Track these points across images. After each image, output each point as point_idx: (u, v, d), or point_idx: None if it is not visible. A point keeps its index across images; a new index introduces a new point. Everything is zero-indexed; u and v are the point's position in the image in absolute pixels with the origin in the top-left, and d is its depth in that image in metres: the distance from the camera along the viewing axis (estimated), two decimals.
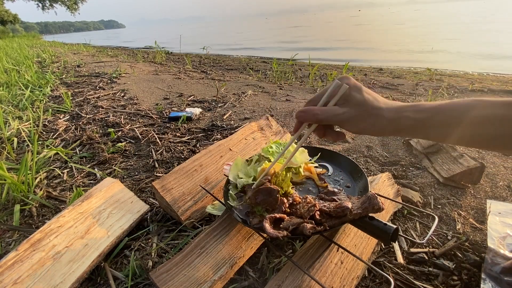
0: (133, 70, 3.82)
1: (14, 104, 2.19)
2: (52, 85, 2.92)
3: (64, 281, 0.63)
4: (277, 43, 11.01)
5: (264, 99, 2.21)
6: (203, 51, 5.31)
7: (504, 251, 0.65)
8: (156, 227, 0.85)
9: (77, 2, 33.84)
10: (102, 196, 0.83)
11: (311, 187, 0.73)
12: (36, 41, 14.77)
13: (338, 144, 1.34)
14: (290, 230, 0.55)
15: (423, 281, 0.65)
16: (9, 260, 0.62)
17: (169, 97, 2.41)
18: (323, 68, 4.35)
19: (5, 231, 0.87)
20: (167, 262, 0.61)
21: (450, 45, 6.77)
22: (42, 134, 1.64)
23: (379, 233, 0.53)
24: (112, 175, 1.17)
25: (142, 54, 6.83)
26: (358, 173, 0.74)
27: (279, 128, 1.17)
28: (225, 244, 0.65)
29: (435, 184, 0.99)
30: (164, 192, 0.81)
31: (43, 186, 1.10)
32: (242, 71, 4.28)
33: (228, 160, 0.96)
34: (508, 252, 0.65)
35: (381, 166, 1.13)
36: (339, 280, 0.57)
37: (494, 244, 0.67)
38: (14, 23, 37.01)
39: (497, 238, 0.69)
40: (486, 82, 3.00)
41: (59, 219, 0.72)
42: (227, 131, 1.57)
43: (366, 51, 7.14)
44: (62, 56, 5.86)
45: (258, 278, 0.67)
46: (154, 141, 1.46)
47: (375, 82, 3.13)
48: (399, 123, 0.44)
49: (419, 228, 0.81)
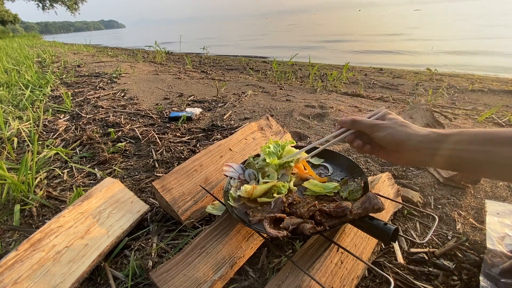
0: (133, 70, 3.82)
1: (14, 104, 2.19)
2: (52, 85, 2.92)
3: (64, 281, 0.63)
4: (277, 43, 11.01)
5: (264, 99, 2.21)
6: (203, 51, 5.30)
7: (502, 249, 0.65)
8: (156, 227, 0.85)
9: (77, 2, 33.81)
10: (102, 196, 0.83)
11: None
12: (36, 41, 14.77)
13: (338, 144, 1.34)
14: (290, 230, 0.55)
15: (423, 281, 0.65)
16: (9, 260, 0.62)
17: (169, 97, 2.41)
18: (323, 68, 4.35)
19: (5, 231, 0.87)
20: (167, 262, 0.61)
21: (450, 45, 6.77)
22: (42, 134, 1.64)
23: (379, 233, 0.53)
24: (112, 175, 1.17)
25: (142, 54, 6.83)
26: (358, 173, 0.74)
27: (279, 128, 1.17)
28: (225, 244, 0.65)
29: (435, 184, 0.99)
30: (164, 192, 0.81)
31: (43, 186, 1.10)
32: (242, 71, 4.28)
33: (228, 160, 0.96)
34: (507, 252, 0.65)
35: (381, 166, 1.13)
36: (339, 280, 0.57)
37: (493, 245, 0.67)
38: (14, 23, 37.01)
39: (496, 238, 0.69)
40: (486, 82, 3.00)
41: (59, 219, 0.72)
42: (227, 131, 1.57)
43: (366, 51, 7.14)
44: (62, 56, 5.86)
45: (258, 278, 0.67)
46: (154, 141, 1.46)
47: (375, 82, 3.13)
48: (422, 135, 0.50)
49: (419, 228, 0.81)
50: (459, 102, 2.24)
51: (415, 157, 0.50)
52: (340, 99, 2.20)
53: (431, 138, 0.48)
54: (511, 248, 0.66)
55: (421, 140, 0.49)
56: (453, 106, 2.12)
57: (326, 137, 0.65)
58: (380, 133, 0.53)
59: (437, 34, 9.80)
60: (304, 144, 1.36)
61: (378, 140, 0.54)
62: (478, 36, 8.15)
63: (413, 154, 0.50)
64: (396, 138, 0.51)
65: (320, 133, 1.47)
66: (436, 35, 9.42)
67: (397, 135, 0.51)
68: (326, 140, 0.65)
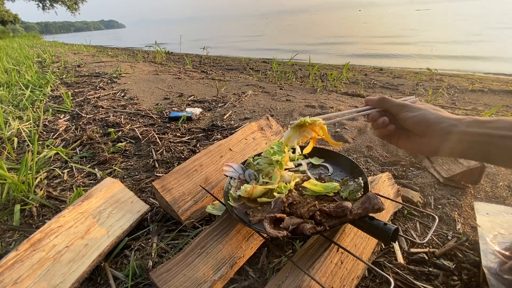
0: (133, 70, 3.82)
1: (14, 104, 2.19)
2: (52, 85, 2.92)
3: (64, 281, 0.63)
4: (277, 43, 11.01)
5: (264, 99, 2.21)
6: (203, 51, 5.30)
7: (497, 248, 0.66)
8: (156, 227, 0.85)
9: (77, 2, 33.80)
10: (102, 196, 0.83)
11: None
12: (36, 41, 14.77)
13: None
14: (290, 230, 0.55)
15: (423, 281, 0.65)
16: (9, 260, 0.62)
17: (169, 97, 2.41)
18: (323, 68, 4.35)
19: (5, 231, 0.87)
20: (167, 262, 0.61)
21: (450, 45, 6.77)
22: (42, 134, 1.64)
23: (379, 233, 0.53)
24: (112, 175, 1.18)
25: (142, 54, 6.83)
26: (358, 173, 0.74)
27: (279, 128, 1.17)
28: (225, 244, 0.65)
29: (435, 184, 0.99)
30: (164, 192, 0.81)
31: (43, 186, 1.10)
32: (242, 71, 4.28)
33: (228, 160, 0.96)
34: (501, 250, 0.65)
35: (381, 166, 1.13)
36: (339, 280, 0.57)
37: (486, 244, 0.68)
38: (14, 23, 37.00)
39: (489, 237, 0.69)
40: (486, 82, 3.00)
41: (59, 219, 0.72)
42: (227, 131, 1.57)
43: (366, 51, 7.14)
44: (62, 56, 5.86)
45: (258, 278, 0.67)
46: (154, 141, 1.46)
47: (376, 82, 3.13)
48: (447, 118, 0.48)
49: (419, 228, 0.81)
50: (459, 102, 2.24)
51: (442, 143, 0.47)
52: (340, 99, 2.20)
53: (465, 122, 0.45)
54: (504, 246, 0.66)
55: (454, 124, 0.46)
56: (453, 106, 2.12)
57: (348, 110, 0.62)
58: (410, 113, 0.50)
59: (437, 34, 9.80)
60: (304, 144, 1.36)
61: (406, 121, 0.51)
62: (478, 36, 8.14)
63: (441, 138, 0.47)
64: (427, 118, 0.48)
65: None
66: (436, 35, 9.42)
67: (428, 116, 0.48)
68: (348, 112, 0.62)
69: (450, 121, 0.46)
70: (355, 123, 1.55)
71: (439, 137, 0.47)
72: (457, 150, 0.46)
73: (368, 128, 1.46)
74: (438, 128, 0.47)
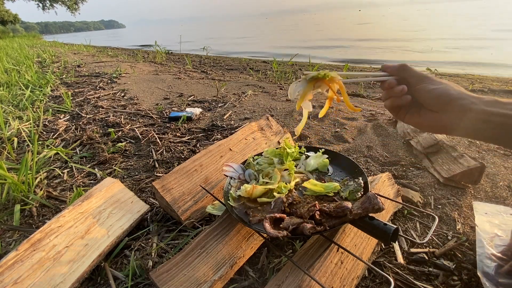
0: (133, 70, 3.82)
1: (14, 104, 2.19)
2: (52, 85, 2.92)
3: (64, 281, 0.63)
4: (277, 43, 11.01)
5: (264, 99, 2.21)
6: (203, 51, 5.30)
7: (493, 251, 0.65)
8: (156, 227, 0.85)
9: (77, 2, 33.80)
10: (102, 196, 0.83)
11: None
12: (36, 41, 14.77)
13: (338, 144, 1.34)
14: (290, 230, 0.55)
15: (423, 281, 0.65)
16: (9, 260, 0.62)
17: (169, 97, 2.41)
18: (323, 68, 4.34)
19: (5, 231, 0.87)
20: (167, 262, 0.61)
21: (450, 45, 6.77)
22: (42, 134, 1.64)
23: (379, 233, 0.53)
24: (112, 175, 1.18)
25: (142, 54, 6.83)
26: (358, 173, 0.74)
27: (279, 128, 1.17)
28: (225, 244, 0.65)
29: (435, 184, 0.99)
30: (164, 192, 0.81)
31: (43, 186, 1.10)
32: (242, 71, 4.28)
33: (228, 160, 0.96)
34: (497, 253, 0.65)
35: (381, 166, 1.13)
36: (339, 280, 0.57)
37: (482, 247, 0.67)
38: (14, 23, 36.99)
39: (486, 239, 0.69)
40: (486, 82, 3.00)
41: (59, 219, 0.72)
42: (227, 131, 1.57)
43: (366, 51, 7.14)
44: (62, 56, 5.86)
45: (258, 278, 0.67)
46: (154, 141, 1.46)
47: (376, 82, 3.13)
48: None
49: (419, 228, 0.81)
50: None
51: (460, 120, 0.45)
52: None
53: (484, 101, 0.44)
54: (501, 249, 0.66)
55: (474, 102, 0.44)
56: None
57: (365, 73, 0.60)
58: (431, 85, 0.48)
59: (437, 34, 9.80)
60: (304, 144, 1.36)
61: (425, 93, 0.49)
62: (479, 37, 8.14)
63: (459, 115, 0.45)
64: (449, 93, 0.47)
65: (320, 133, 1.47)
66: (435, 35, 9.42)
67: (451, 90, 0.47)
68: (365, 75, 0.60)
69: (471, 98, 0.45)
70: (355, 123, 1.55)
71: (457, 113, 0.46)
72: (471, 129, 0.45)
73: (368, 128, 1.46)
74: (458, 104, 0.45)
